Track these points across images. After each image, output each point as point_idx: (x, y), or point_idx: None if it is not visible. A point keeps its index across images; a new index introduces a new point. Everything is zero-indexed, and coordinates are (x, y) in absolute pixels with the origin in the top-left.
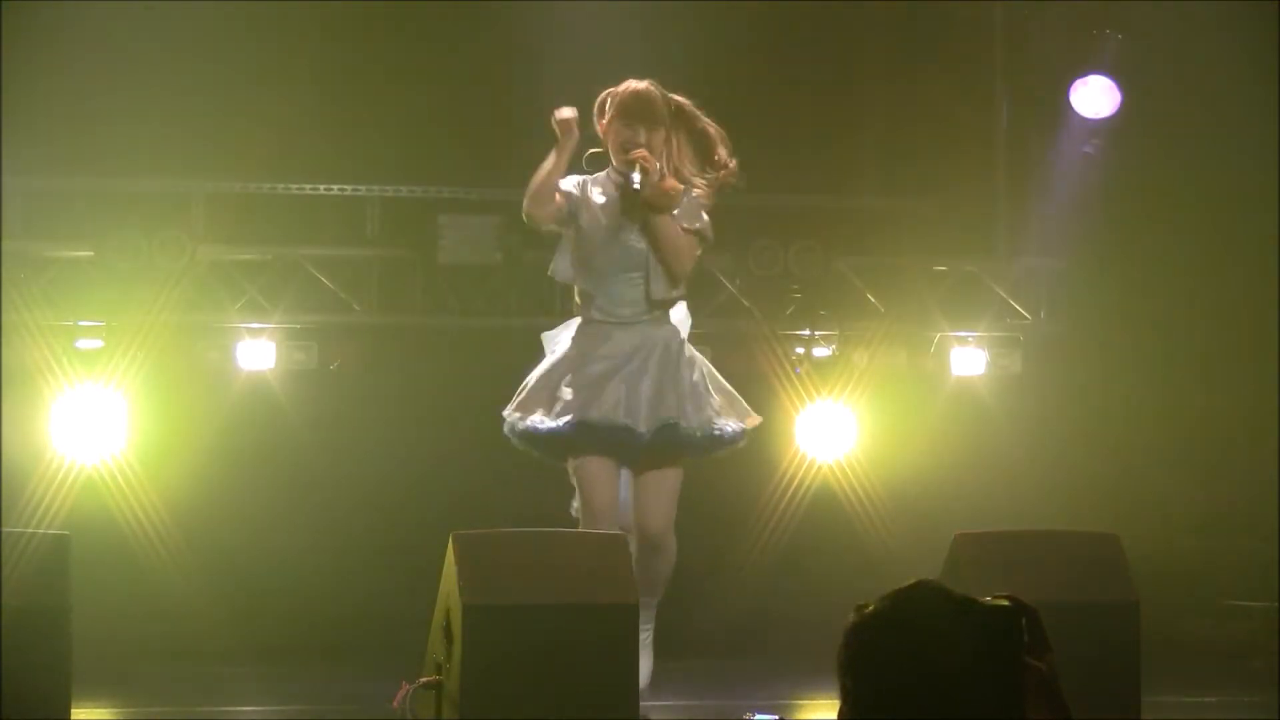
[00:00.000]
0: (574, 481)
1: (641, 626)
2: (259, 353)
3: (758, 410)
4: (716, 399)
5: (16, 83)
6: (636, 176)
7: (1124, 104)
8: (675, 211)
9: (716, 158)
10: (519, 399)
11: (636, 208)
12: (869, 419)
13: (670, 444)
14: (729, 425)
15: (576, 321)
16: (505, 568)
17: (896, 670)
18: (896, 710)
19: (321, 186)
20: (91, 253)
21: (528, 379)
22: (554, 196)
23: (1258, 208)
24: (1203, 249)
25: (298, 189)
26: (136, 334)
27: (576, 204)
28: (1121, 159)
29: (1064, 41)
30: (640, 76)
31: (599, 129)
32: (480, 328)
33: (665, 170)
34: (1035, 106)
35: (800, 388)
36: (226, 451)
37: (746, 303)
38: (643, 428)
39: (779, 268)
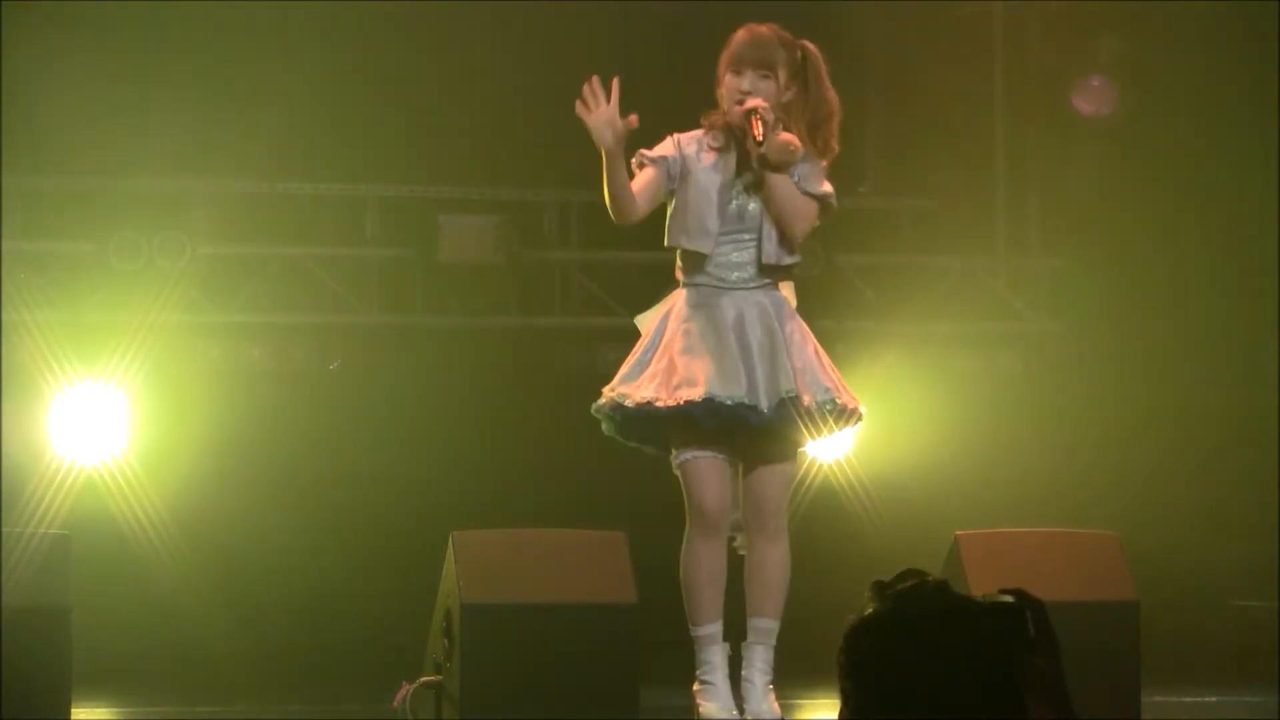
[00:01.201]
0: (679, 477)
1: (760, 669)
2: (259, 352)
3: None
4: (833, 374)
5: (16, 83)
6: (760, 129)
7: (1124, 104)
8: (794, 170)
9: (819, 138)
10: (623, 374)
11: (749, 164)
12: (869, 419)
13: (789, 420)
14: (849, 401)
15: (677, 294)
16: (505, 568)
17: (895, 672)
18: (896, 712)
19: (321, 186)
20: (92, 252)
21: (632, 354)
22: (634, 198)
23: (1258, 207)
24: (1203, 249)
25: (298, 189)
26: (136, 334)
27: (676, 166)
28: (1121, 159)
29: (1064, 41)
30: (640, 76)
31: (717, 80)
32: (480, 328)
33: (781, 122)
34: (1035, 106)
35: None
36: (226, 451)
37: None
38: (764, 404)
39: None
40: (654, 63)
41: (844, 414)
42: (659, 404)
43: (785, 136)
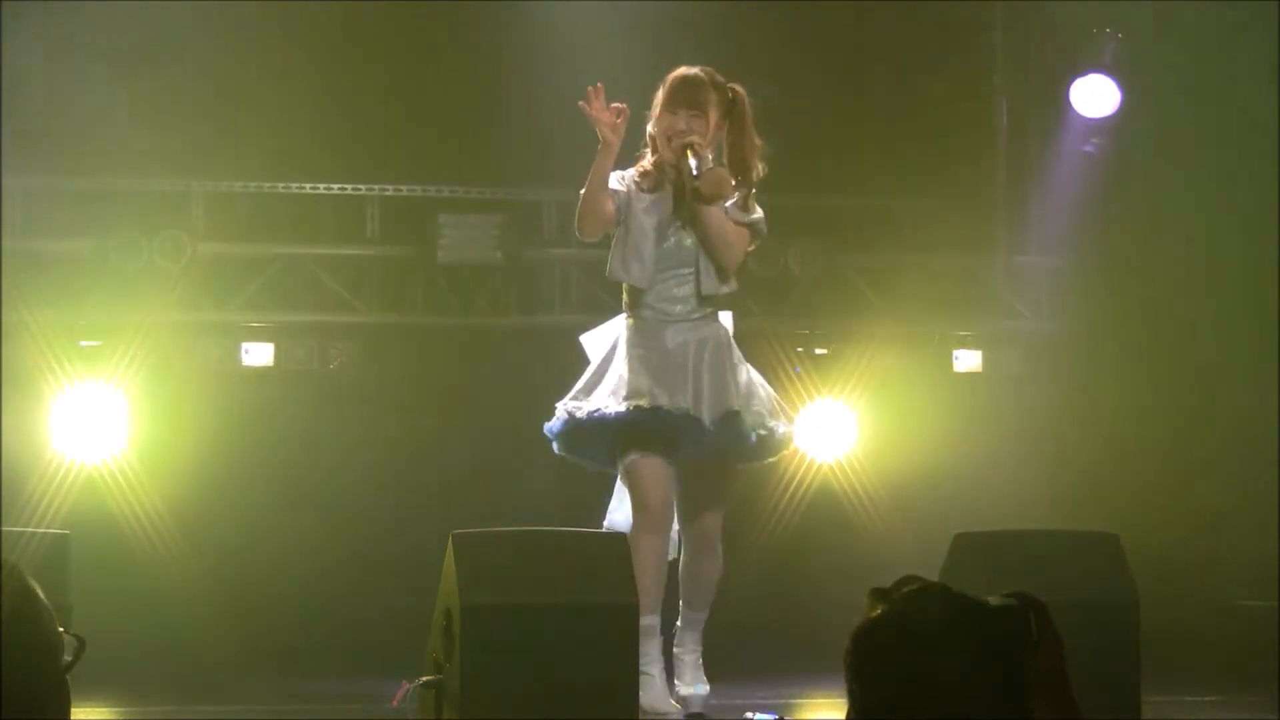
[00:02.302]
0: (624, 480)
1: (691, 648)
2: (259, 352)
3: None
4: (768, 400)
5: (17, 83)
6: (694, 163)
7: (1124, 104)
8: (727, 203)
9: (745, 173)
10: (575, 392)
11: (683, 200)
12: (869, 418)
13: (730, 440)
14: (781, 425)
15: (620, 320)
16: (505, 567)
17: (902, 674)
18: (903, 713)
19: (321, 186)
20: (92, 252)
21: (582, 377)
22: (605, 213)
23: (1258, 207)
24: (1203, 248)
25: (298, 189)
26: (137, 333)
27: (624, 201)
28: (1121, 159)
29: (1064, 41)
30: (640, 77)
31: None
32: (480, 328)
33: (711, 159)
34: (1035, 106)
35: (800, 387)
36: (227, 451)
37: (746, 302)
38: (708, 420)
39: (779, 267)
40: (654, 63)
41: (774, 439)
42: (609, 410)
43: (718, 172)
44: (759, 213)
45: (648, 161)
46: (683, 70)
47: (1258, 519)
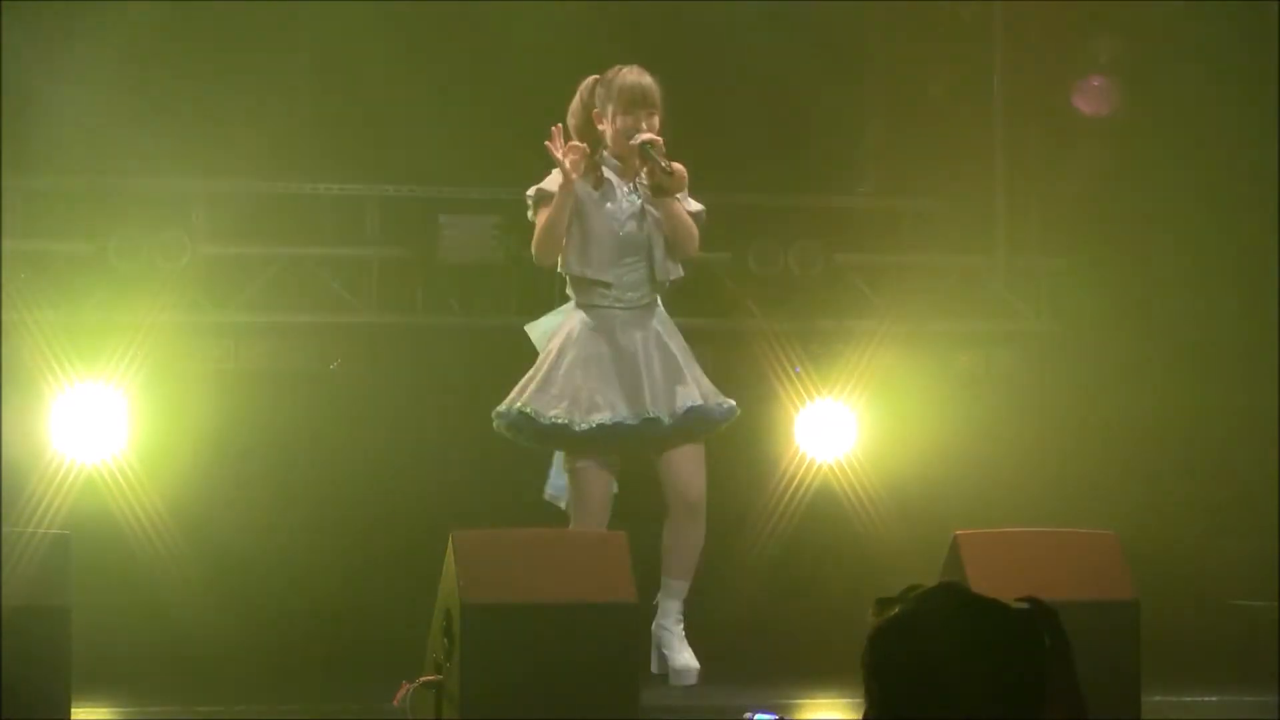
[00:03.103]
0: (570, 480)
1: (675, 619)
2: (259, 352)
3: (757, 409)
4: (702, 376)
5: (17, 82)
6: (664, 161)
7: (1124, 104)
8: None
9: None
10: (533, 391)
11: (633, 193)
12: (869, 419)
13: (692, 425)
14: (725, 400)
15: (568, 310)
16: (505, 567)
17: (919, 673)
18: (919, 713)
19: (321, 186)
20: (92, 252)
21: (537, 370)
22: (562, 241)
23: (1258, 207)
24: (1203, 248)
25: (298, 189)
26: (136, 333)
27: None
28: (1121, 159)
29: (1064, 41)
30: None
31: (590, 119)
32: (480, 328)
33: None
34: (1035, 106)
35: (800, 387)
36: (227, 451)
37: (746, 302)
38: (666, 418)
39: (779, 267)
40: (654, 62)
41: (728, 412)
42: (575, 427)
43: (677, 166)
44: (699, 205)
45: (576, 156)
46: (633, 72)
47: (1258, 519)
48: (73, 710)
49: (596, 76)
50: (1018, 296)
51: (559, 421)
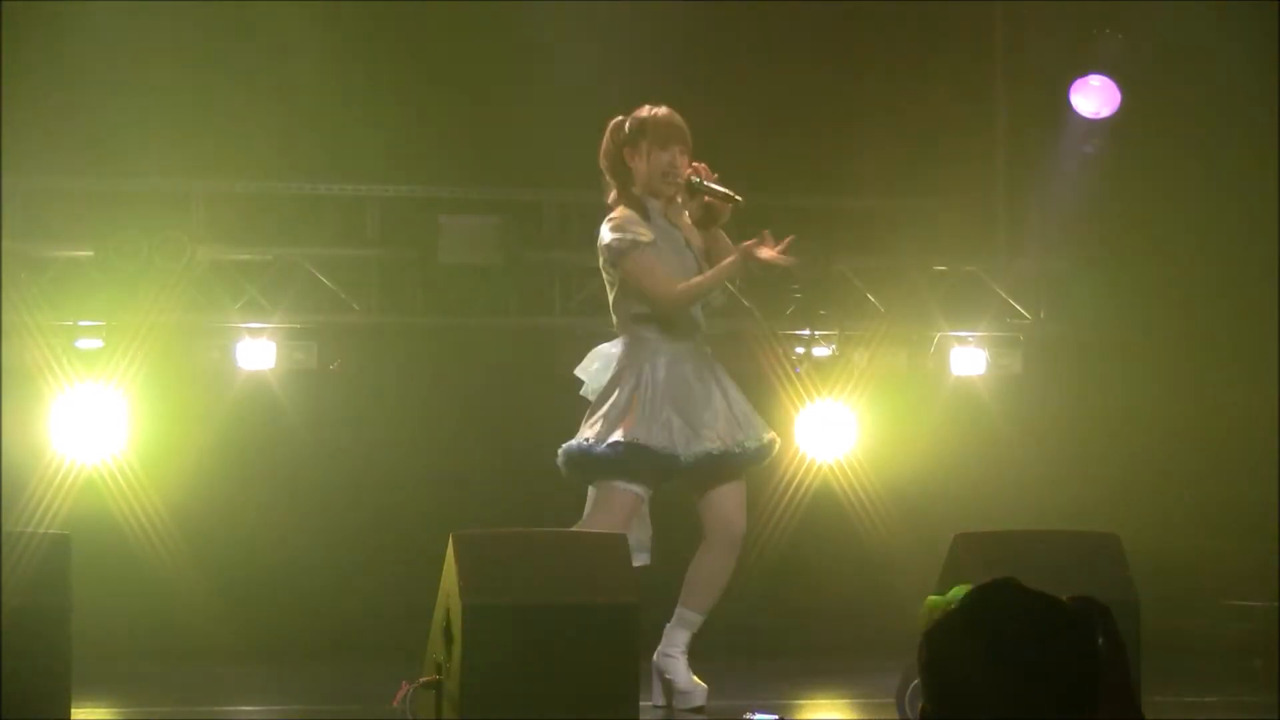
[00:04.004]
0: (603, 497)
1: (681, 649)
2: (259, 353)
3: (757, 409)
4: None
5: (16, 82)
6: (725, 190)
7: (1124, 104)
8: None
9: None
10: (618, 420)
11: (690, 227)
12: (869, 419)
13: (750, 456)
14: (773, 435)
15: (639, 350)
16: (505, 568)
17: (977, 670)
18: (977, 709)
19: (321, 186)
20: (91, 253)
21: (616, 401)
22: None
23: (1258, 207)
24: (1203, 248)
25: (298, 189)
26: (136, 334)
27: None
28: (1121, 159)
29: (1064, 41)
30: (640, 76)
31: (622, 156)
32: (480, 328)
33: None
34: (1035, 106)
35: (800, 388)
36: (226, 451)
37: (746, 303)
38: (736, 448)
39: (779, 268)
40: (655, 62)
41: (775, 447)
42: (685, 455)
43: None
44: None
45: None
46: (662, 111)
47: (1258, 519)
48: (73, 710)
49: (622, 117)
50: (1018, 297)
51: (657, 445)
